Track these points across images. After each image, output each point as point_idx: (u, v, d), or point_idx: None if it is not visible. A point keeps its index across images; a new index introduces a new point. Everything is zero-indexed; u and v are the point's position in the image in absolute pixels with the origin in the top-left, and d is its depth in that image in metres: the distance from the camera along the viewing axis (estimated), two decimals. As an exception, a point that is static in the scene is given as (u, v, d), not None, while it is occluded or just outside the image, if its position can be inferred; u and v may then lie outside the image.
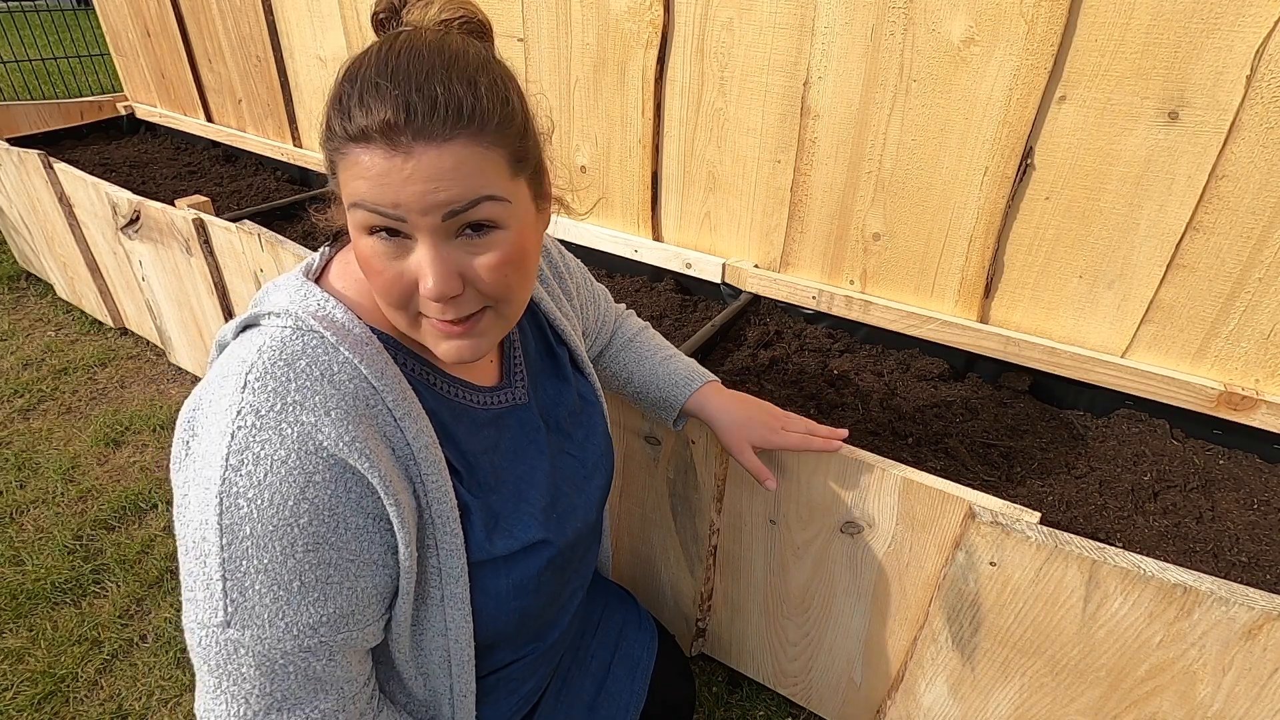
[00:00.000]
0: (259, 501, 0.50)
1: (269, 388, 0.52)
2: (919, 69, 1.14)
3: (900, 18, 1.13)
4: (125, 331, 2.51)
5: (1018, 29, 1.04)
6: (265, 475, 0.50)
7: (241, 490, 0.50)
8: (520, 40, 1.59)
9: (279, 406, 0.52)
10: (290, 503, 0.51)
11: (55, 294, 2.75)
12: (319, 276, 0.64)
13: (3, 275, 2.90)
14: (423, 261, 0.54)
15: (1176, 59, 0.96)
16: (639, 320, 1.06)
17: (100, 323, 2.56)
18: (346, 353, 0.55)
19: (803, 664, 1.17)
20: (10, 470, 1.86)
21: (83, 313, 2.63)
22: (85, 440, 1.98)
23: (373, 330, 0.61)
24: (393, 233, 0.53)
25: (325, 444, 0.52)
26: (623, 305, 1.08)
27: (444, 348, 0.59)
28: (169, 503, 1.77)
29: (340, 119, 0.52)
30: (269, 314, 0.57)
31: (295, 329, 0.55)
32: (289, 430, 0.51)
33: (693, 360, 1.01)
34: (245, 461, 0.50)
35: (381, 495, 0.55)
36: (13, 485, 1.81)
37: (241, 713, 0.54)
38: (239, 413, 0.51)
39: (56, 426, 2.04)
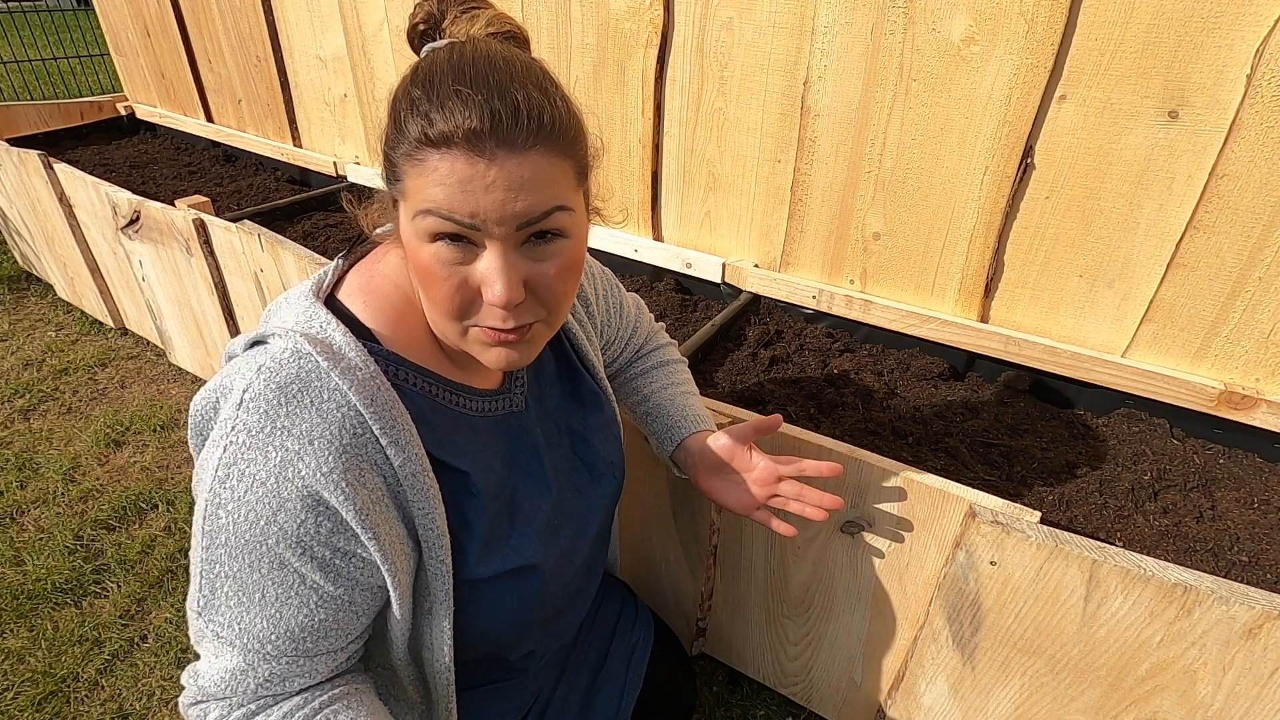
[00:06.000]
0: (235, 515, 0.53)
1: (261, 409, 0.53)
2: (919, 68, 1.14)
3: (900, 17, 1.13)
4: (125, 331, 2.51)
5: (1017, 28, 1.04)
6: (245, 492, 0.53)
7: (223, 502, 0.53)
8: (520, 40, 1.59)
9: (268, 429, 0.53)
10: (262, 523, 0.53)
11: (55, 294, 2.75)
12: (334, 290, 0.63)
13: (3, 276, 2.90)
14: (491, 269, 0.54)
15: (1177, 58, 0.96)
16: (676, 351, 1.02)
17: (100, 323, 2.56)
18: (338, 379, 0.54)
19: (803, 663, 1.18)
20: (11, 470, 1.86)
21: (83, 313, 2.63)
22: (86, 440, 1.98)
23: (380, 349, 0.60)
24: (457, 239, 0.54)
25: (303, 472, 0.53)
26: (661, 324, 1.06)
27: (493, 354, 0.59)
28: (170, 503, 1.77)
29: (417, 122, 0.51)
30: (273, 333, 0.57)
31: (294, 352, 0.55)
32: (273, 454, 0.52)
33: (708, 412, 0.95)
34: (231, 476, 0.53)
35: (358, 531, 0.55)
36: (13, 485, 1.81)
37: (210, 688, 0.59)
38: (233, 428, 0.53)
39: (57, 426, 2.04)
